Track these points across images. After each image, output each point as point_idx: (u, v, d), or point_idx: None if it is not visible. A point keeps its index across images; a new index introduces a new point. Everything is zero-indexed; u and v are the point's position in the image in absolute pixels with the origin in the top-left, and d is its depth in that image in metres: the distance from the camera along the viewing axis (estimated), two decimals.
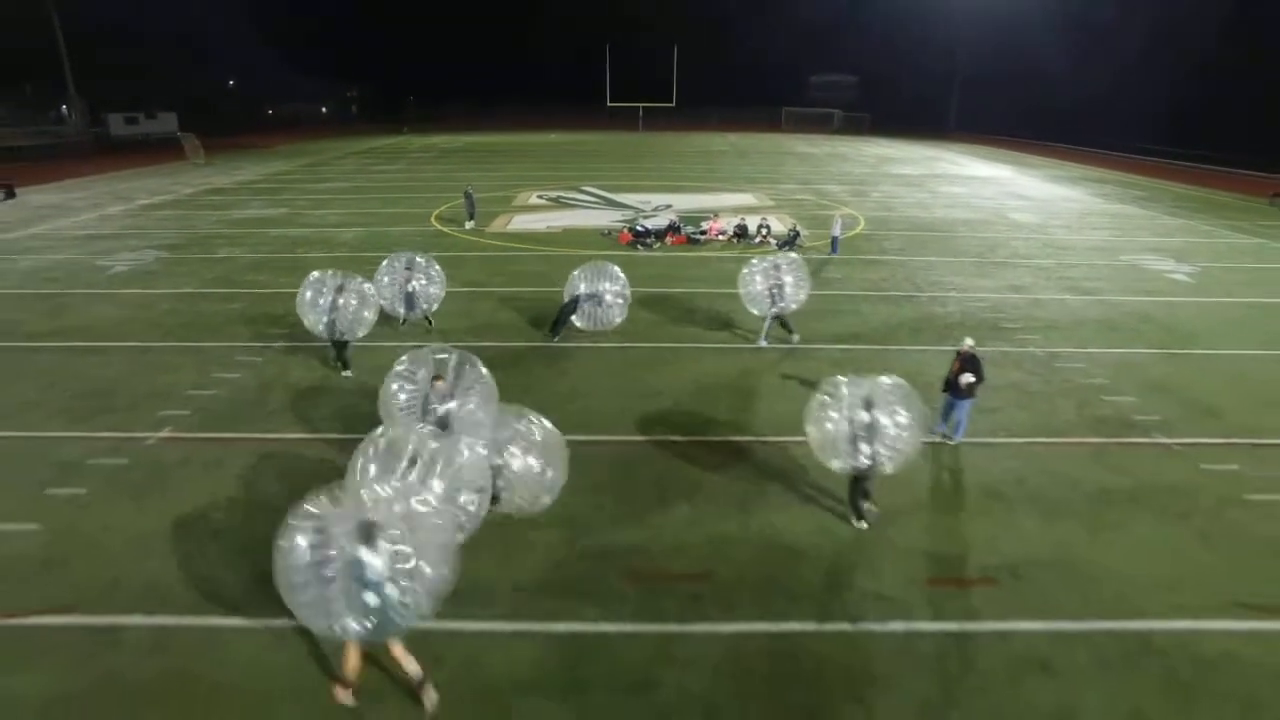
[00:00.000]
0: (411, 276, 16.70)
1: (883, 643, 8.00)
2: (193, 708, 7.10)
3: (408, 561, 6.25)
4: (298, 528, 6.35)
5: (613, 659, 7.73)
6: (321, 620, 6.30)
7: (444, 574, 6.49)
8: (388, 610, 6.21)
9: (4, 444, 12.12)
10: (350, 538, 6.20)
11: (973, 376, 11.50)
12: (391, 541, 6.22)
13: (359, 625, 6.24)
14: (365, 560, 6.14)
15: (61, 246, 26.56)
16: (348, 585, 6.15)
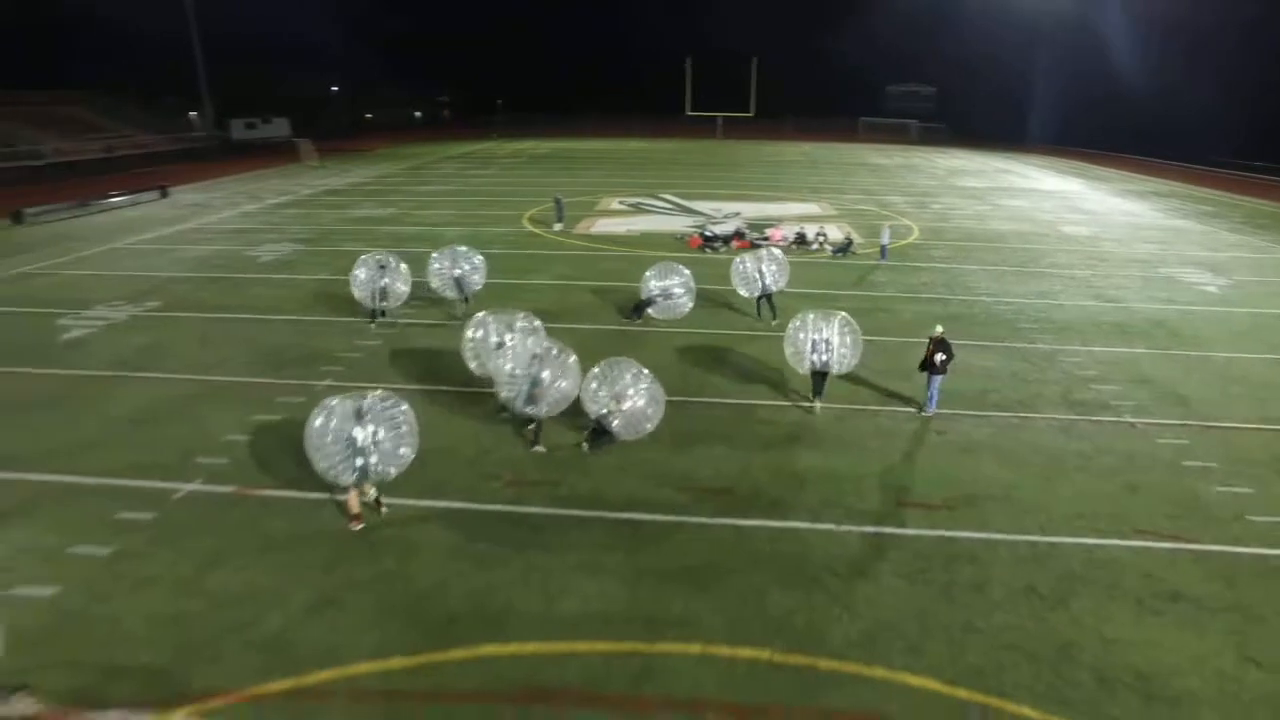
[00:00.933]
0: (456, 266, 20.61)
1: (858, 538, 11.05)
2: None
3: (381, 438, 10.55)
4: (317, 411, 10.54)
5: (659, 540, 11.00)
6: (328, 471, 10.55)
7: (408, 454, 10.87)
8: (368, 469, 10.52)
9: (219, 385, 16.18)
10: (348, 419, 10.44)
11: (943, 356, 14.42)
12: (375, 424, 10.50)
13: (350, 475, 10.52)
14: (355, 435, 10.40)
15: (215, 239, 31.31)
16: (345, 450, 10.36)
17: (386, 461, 10.65)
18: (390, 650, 8.70)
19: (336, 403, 10.60)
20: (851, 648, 8.90)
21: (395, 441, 10.71)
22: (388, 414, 10.74)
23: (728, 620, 9.31)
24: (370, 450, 10.49)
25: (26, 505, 11.59)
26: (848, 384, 16.31)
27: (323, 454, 10.43)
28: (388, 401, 10.84)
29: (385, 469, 10.71)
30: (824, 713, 7.99)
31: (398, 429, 10.76)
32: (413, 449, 10.94)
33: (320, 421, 10.45)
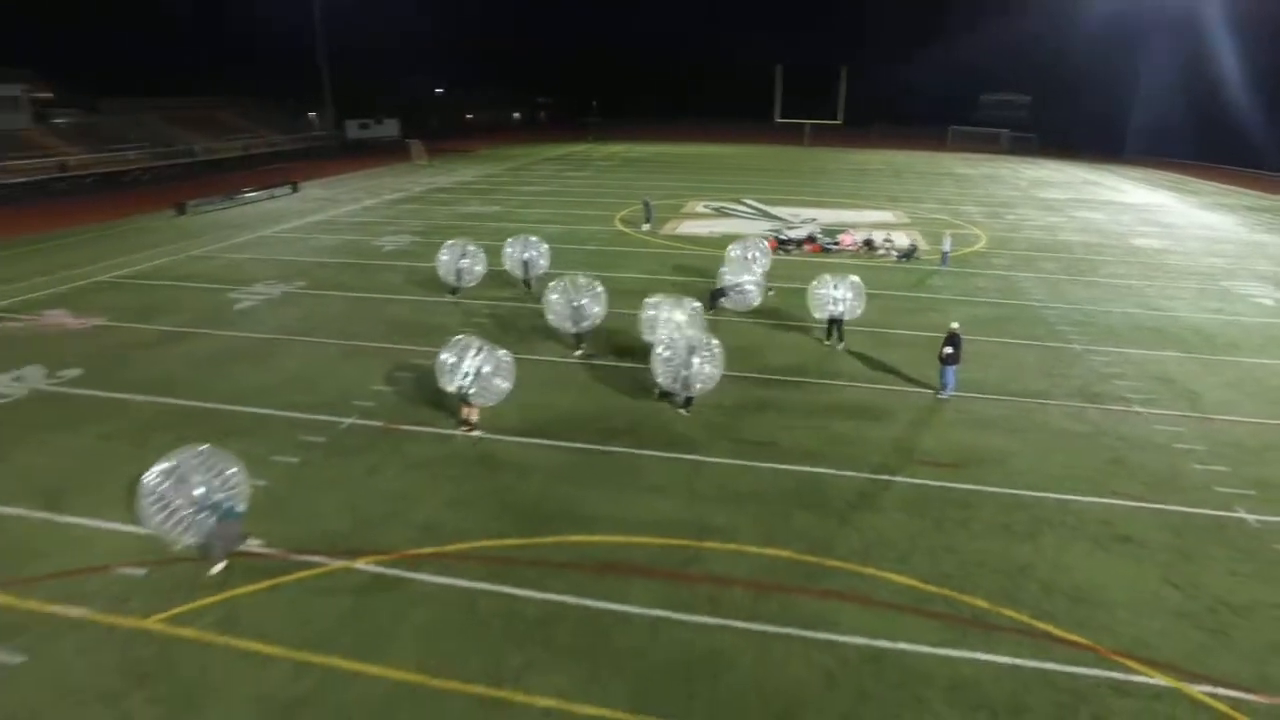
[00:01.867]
0: (527, 249, 24.73)
1: (871, 483, 13.76)
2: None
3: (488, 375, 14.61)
4: (442, 350, 14.73)
5: (713, 474, 13.95)
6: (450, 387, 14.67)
7: (504, 386, 14.84)
8: (480, 392, 14.61)
9: (361, 348, 19.92)
10: (465, 350, 14.65)
11: (951, 349, 16.93)
12: (489, 364, 14.47)
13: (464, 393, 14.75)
14: (481, 370, 14.52)
15: (343, 230, 35.70)
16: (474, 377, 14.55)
17: (486, 386, 14.65)
18: (505, 534, 11.93)
19: (470, 339, 14.98)
20: (853, 554, 11.67)
21: (493, 375, 14.68)
22: (500, 357, 14.73)
23: (759, 531, 12.20)
24: (475, 374, 14.58)
25: (237, 428, 15.35)
26: (887, 371, 18.91)
27: (447, 380, 14.74)
28: (497, 349, 14.97)
29: (485, 392, 14.68)
30: (824, 592, 10.80)
31: (501, 368, 14.70)
32: (509, 383, 14.90)
33: (445, 355, 14.79)
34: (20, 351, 19.49)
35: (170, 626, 9.85)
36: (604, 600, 10.45)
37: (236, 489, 11.04)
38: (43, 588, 10.56)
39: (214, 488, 10.73)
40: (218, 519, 10.69)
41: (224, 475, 10.93)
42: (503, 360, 14.88)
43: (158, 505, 10.35)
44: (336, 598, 10.43)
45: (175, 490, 10.42)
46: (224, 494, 10.82)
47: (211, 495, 10.66)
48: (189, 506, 10.48)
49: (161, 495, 10.36)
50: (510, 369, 15.01)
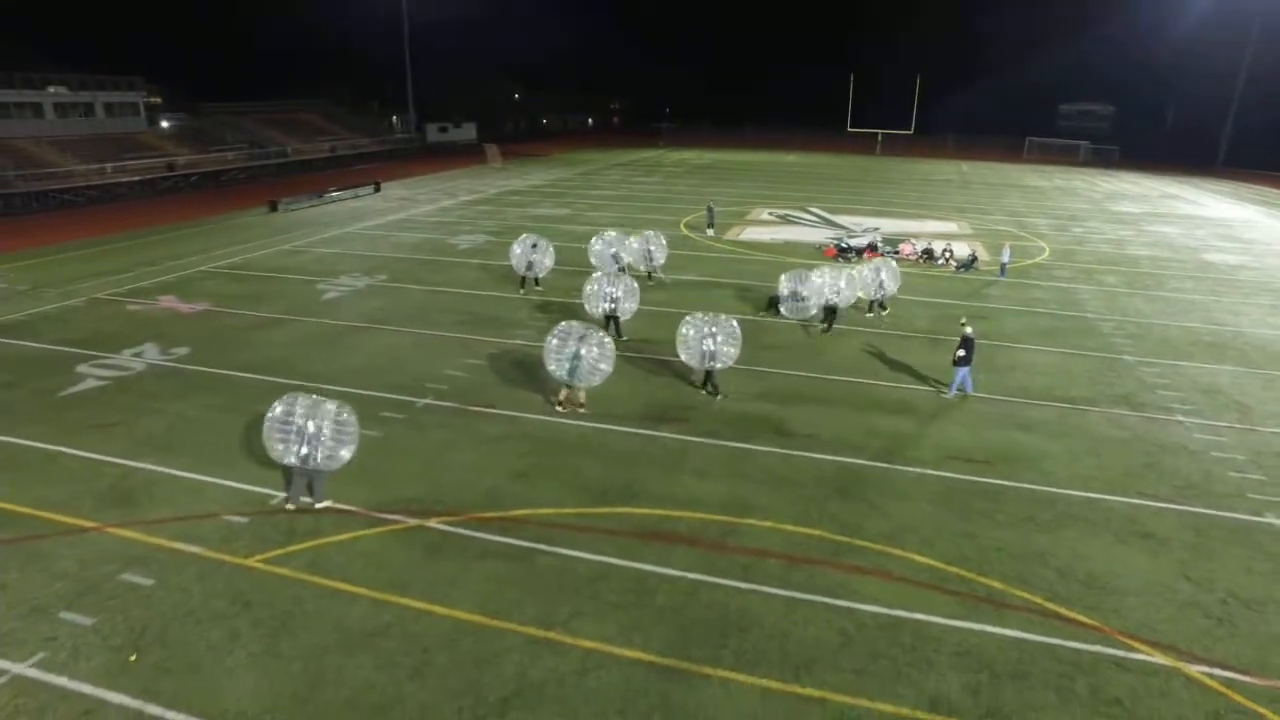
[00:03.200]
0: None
1: (904, 475, 14.59)
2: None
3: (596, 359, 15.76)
4: (553, 333, 16.06)
5: (756, 461, 14.98)
6: (557, 371, 16.06)
7: (606, 369, 16.01)
8: (582, 374, 15.76)
9: (438, 337, 21.54)
10: (575, 341, 15.77)
11: (963, 351, 17.65)
12: (596, 347, 15.64)
13: (569, 376, 16.00)
14: (581, 353, 15.35)
15: (422, 228, 37.75)
16: (571, 362, 15.67)
17: (588, 373, 16.00)
18: (562, 504, 13.19)
19: (572, 326, 16.31)
20: (880, 536, 12.57)
21: (600, 361, 15.99)
22: (603, 342, 16.08)
23: (794, 511, 13.20)
24: (581, 361, 15.95)
25: None
26: (933, 374, 19.62)
27: (552, 358, 16.22)
28: (606, 339, 16.25)
29: (589, 378, 16.04)
30: (849, 567, 11.74)
31: (605, 353, 15.99)
32: (609, 368, 16.16)
33: (555, 341, 16.05)
34: (139, 332, 21.68)
35: (268, 565, 11.37)
36: (648, 563, 11.60)
37: (347, 435, 12.73)
38: (164, 528, 12.23)
39: (328, 428, 12.56)
40: (322, 455, 12.50)
41: (340, 421, 12.69)
42: (606, 346, 16.12)
43: (279, 431, 12.41)
44: (411, 550, 11.83)
45: (296, 420, 12.41)
46: (334, 435, 12.61)
47: (323, 433, 12.50)
48: (301, 437, 12.40)
49: (284, 421, 12.42)
50: (612, 355, 16.23)
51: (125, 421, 16.05)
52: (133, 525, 12.31)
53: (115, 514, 12.60)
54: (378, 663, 9.56)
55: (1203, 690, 9.52)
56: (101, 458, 14.45)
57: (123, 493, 13.28)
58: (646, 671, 9.52)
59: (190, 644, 9.81)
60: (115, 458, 14.46)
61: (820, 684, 9.39)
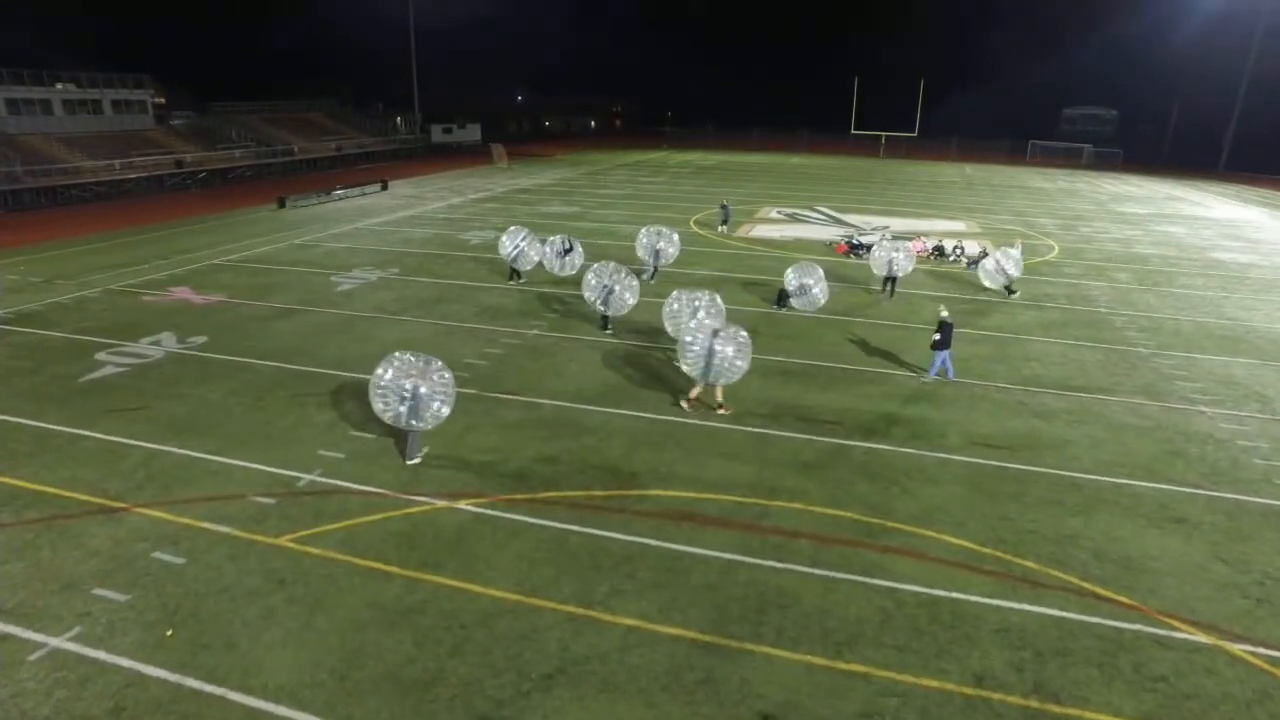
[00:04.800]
0: (658, 243, 26.99)
1: (930, 459, 14.54)
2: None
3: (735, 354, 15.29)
4: (685, 334, 16.00)
5: (782, 446, 14.93)
6: (692, 369, 15.70)
7: (743, 366, 15.47)
8: (719, 369, 15.26)
9: (454, 328, 21.48)
10: (710, 338, 15.42)
11: (939, 335, 17.78)
12: (732, 343, 15.32)
13: (704, 375, 15.56)
14: (716, 349, 15.17)
15: (432, 225, 37.71)
16: (708, 356, 15.29)
17: (725, 371, 15.52)
18: (591, 487, 13.13)
19: (700, 322, 16.12)
20: (911, 518, 12.52)
21: (737, 357, 15.49)
22: (739, 338, 15.54)
23: (824, 494, 13.15)
24: (716, 356, 15.43)
25: (346, 389, 16.97)
26: (956, 364, 19.56)
27: (688, 355, 15.68)
28: (741, 333, 15.67)
29: (727, 375, 15.58)
30: (884, 548, 11.69)
31: (741, 349, 15.47)
32: (746, 364, 15.64)
33: (689, 339, 15.67)
34: (155, 321, 21.62)
35: (300, 545, 11.30)
36: (682, 544, 11.55)
37: (445, 392, 13.40)
38: (193, 509, 12.15)
39: (428, 385, 13.23)
40: (410, 411, 13.12)
41: (440, 380, 13.39)
42: (742, 341, 15.63)
43: (381, 390, 13.19)
44: (442, 530, 11.76)
45: (395, 379, 13.15)
46: (428, 391, 13.25)
47: (419, 389, 13.14)
48: (399, 394, 13.14)
49: (387, 381, 13.18)
50: (748, 349, 15.76)
51: (147, 406, 15.98)
52: (161, 506, 12.23)
53: (143, 495, 12.53)
54: (416, 639, 9.49)
55: (1247, 668, 9.46)
56: (126, 441, 14.38)
57: (149, 474, 13.21)
58: (689, 648, 9.45)
59: (226, 620, 9.74)
60: (140, 440, 14.38)
61: (863, 660, 9.33)
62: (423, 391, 13.17)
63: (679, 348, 16.05)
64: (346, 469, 13.50)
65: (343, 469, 13.50)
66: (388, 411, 13.27)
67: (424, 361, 13.49)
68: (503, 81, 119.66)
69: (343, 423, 15.35)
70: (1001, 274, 26.56)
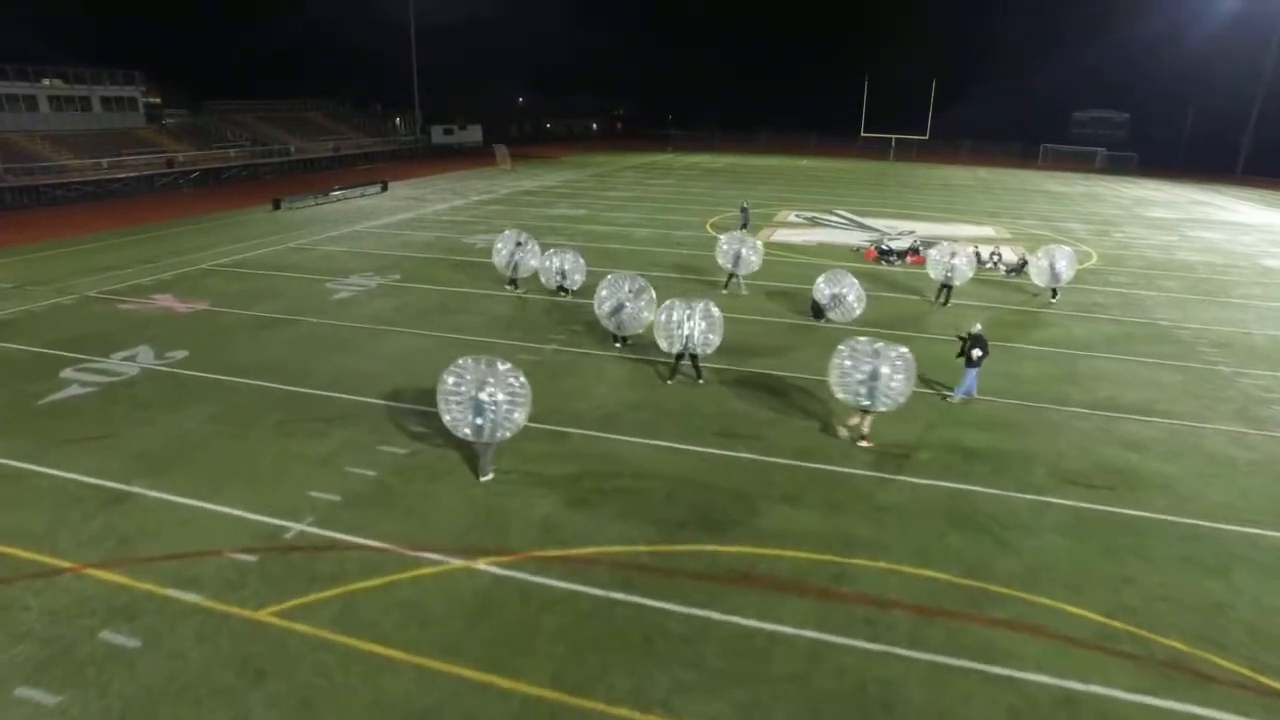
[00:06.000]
0: (740, 250, 24.60)
1: (1021, 502, 12.49)
2: None
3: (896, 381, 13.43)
4: (848, 349, 13.88)
5: (848, 485, 12.87)
6: (848, 396, 13.76)
7: (907, 389, 13.61)
8: (881, 395, 13.45)
9: (462, 341, 19.37)
10: (871, 357, 13.50)
11: (979, 351, 15.77)
12: (900, 370, 13.40)
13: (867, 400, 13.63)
14: (883, 372, 13.25)
15: (434, 228, 35.63)
16: (868, 384, 13.39)
17: (891, 396, 13.59)
18: (633, 539, 11.05)
19: (862, 342, 13.84)
20: (1015, 579, 10.45)
21: (903, 382, 13.51)
22: (903, 359, 13.55)
23: (910, 548, 11.08)
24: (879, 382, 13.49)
25: (342, 414, 14.90)
26: (1014, 384, 17.56)
27: (843, 385, 13.74)
28: (904, 355, 13.69)
29: (890, 400, 13.63)
30: (994, 621, 9.62)
31: (904, 371, 13.53)
32: (909, 388, 13.75)
33: (847, 360, 13.66)
34: (132, 333, 19.54)
35: (285, 620, 9.21)
36: (753, 617, 9.46)
37: (520, 398, 12.12)
38: (156, 570, 10.06)
39: (502, 394, 11.94)
40: (484, 420, 11.86)
41: (512, 386, 12.07)
42: (907, 362, 13.66)
43: (451, 397, 12.00)
44: (460, 599, 9.67)
45: (467, 386, 11.91)
46: (509, 400, 12.01)
47: (492, 398, 11.86)
48: (468, 404, 11.91)
49: (456, 391, 11.98)
50: (912, 371, 13.84)
51: (112, 435, 13.90)
52: (117, 566, 10.14)
53: (96, 551, 10.44)
54: None
55: None
56: (82, 478, 12.29)
57: (107, 523, 11.12)
58: None
59: None
60: (98, 478, 12.30)
61: None
62: (501, 399, 11.85)
63: (831, 370, 13.93)
64: (343, 516, 11.41)
65: (338, 516, 11.41)
66: (463, 425, 12.00)
67: (487, 364, 12.16)
68: (504, 83, 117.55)
69: (338, 457, 13.26)
70: (1051, 274, 25.17)
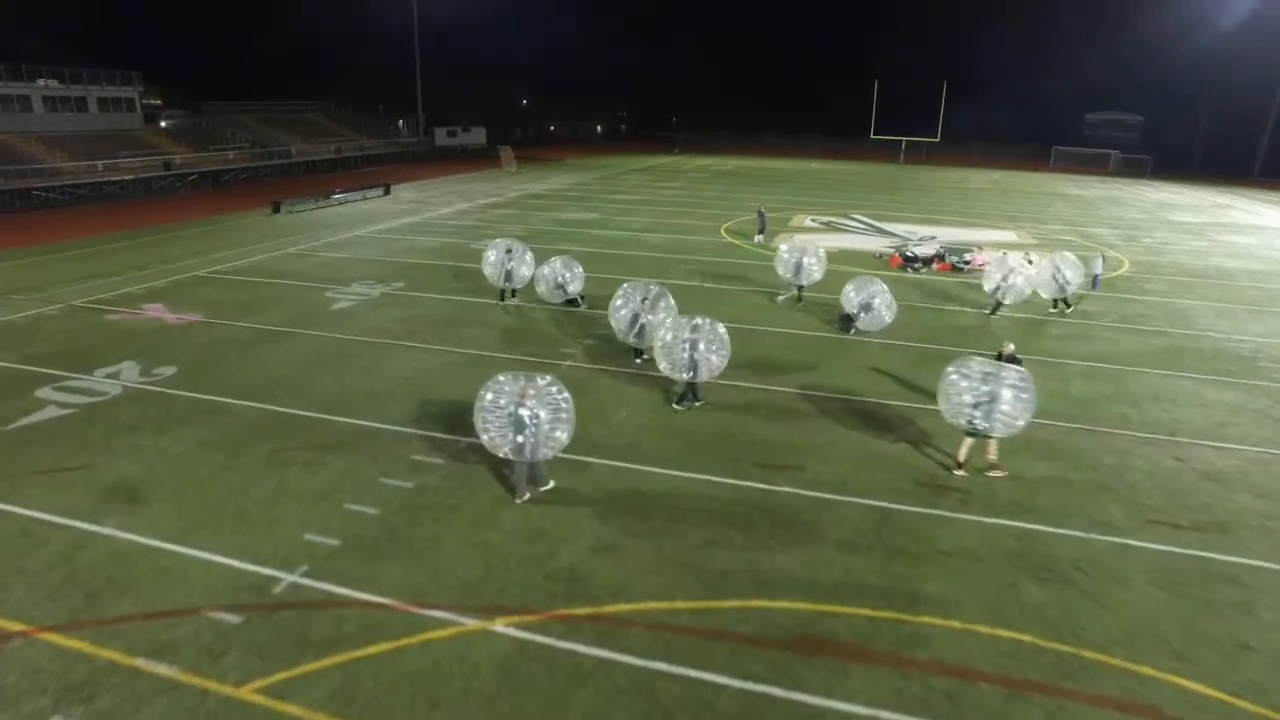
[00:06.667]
0: (802, 260, 23.28)
1: (1102, 545, 11.13)
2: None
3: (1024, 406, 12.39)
4: (960, 370, 12.78)
5: (903, 524, 11.53)
6: (958, 418, 12.64)
7: (1027, 412, 12.44)
8: (999, 422, 12.33)
9: (471, 356, 18.08)
10: (986, 380, 12.38)
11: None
12: (1022, 389, 12.34)
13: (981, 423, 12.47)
14: (1003, 394, 12.27)
15: (439, 232, 34.33)
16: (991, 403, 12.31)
17: (1006, 422, 12.44)
18: (671, 594, 9.69)
19: (976, 366, 12.64)
20: (1112, 643, 9.08)
21: (1023, 405, 12.42)
22: (1020, 381, 12.44)
23: (982, 603, 9.71)
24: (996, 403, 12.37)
25: (340, 441, 13.56)
26: (1069, 404, 16.21)
27: (950, 404, 12.71)
28: (1024, 377, 12.55)
29: (1003, 425, 12.47)
30: (1097, 699, 8.26)
31: (1022, 394, 12.38)
32: (1030, 412, 12.57)
33: (961, 380, 12.60)
34: (118, 347, 18.26)
35: (272, 699, 7.87)
36: (818, 694, 8.11)
37: (563, 414, 11.57)
38: (124, 634, 8.73)
39: (543, 411, 11.40)
40: (524, 440, 11.29)
41: (555, 401, 11.53)
42: (1027, 382, 12.54)
43: (489, 414, 11.45)
44: (476, 671, 8.32)
45: (503, 402, 11.37)
46: (551, 418, 11.48)
47: (530, 416, 11.27)
48: (505, 421, 11.37)
49: (495, 408, 11.43)
50: (1032, 389, 12.68)
51: (89, 465, 12.58)
52: (79, 628, 8.81)
53: (56, 609, 9.11)
54: None
55: None
56: (50, 518, 10.97)
57: (71, 573, 9.79)
58: None
59: None
60: (67, 518, 10.97)
61: None
62: (543, 417, 11.34)
63: (941, 393, 12.88)
64: (341, 565, 10.07)
65: (336, 565, 10.07)
66: (503, 445, 11.48)
67: (527, 378, 11.66)
68: (507, 85, 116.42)
69: (337, 491, 11.92)
70: (1056, 283, 23.42)
